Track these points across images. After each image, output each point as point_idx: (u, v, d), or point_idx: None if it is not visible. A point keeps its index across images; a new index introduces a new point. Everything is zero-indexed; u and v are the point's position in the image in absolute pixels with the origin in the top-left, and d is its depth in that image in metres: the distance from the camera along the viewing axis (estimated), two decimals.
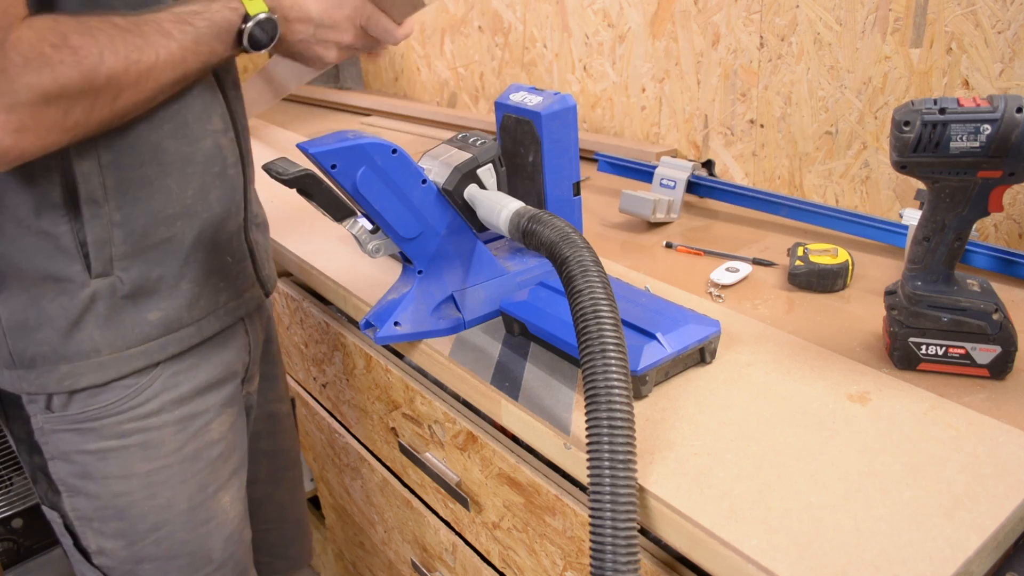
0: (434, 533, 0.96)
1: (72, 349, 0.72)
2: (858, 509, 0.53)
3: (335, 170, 0.68)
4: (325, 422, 1.18)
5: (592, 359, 0.55)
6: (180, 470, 0.81)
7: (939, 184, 0.64)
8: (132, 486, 0.79)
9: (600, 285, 0.58)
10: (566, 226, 0.63)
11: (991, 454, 0.58)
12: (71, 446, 0.77)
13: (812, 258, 0.85)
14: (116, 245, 0.71)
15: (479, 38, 1.67)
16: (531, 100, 0.80)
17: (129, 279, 0.73)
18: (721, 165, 1.23)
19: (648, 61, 1.30)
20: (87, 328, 0.72)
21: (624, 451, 0.53)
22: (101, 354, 0.73)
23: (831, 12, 1.01)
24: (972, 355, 0.66)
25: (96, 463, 0.77)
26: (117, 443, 0.77)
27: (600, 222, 1.10)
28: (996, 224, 0.94)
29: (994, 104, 0.60)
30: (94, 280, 0.71)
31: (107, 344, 0.73)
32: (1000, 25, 0.86)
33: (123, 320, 0.74)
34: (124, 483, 0.79)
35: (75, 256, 0.70)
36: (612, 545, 0.51)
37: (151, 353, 0.76)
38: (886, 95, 0.99)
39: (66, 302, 0.71)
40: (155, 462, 0.79)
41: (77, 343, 0.72)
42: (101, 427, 0.76)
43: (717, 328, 0.71)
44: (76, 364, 0.73)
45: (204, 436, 0.83)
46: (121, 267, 0.72)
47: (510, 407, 0.69)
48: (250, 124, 0.95)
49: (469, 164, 0.74)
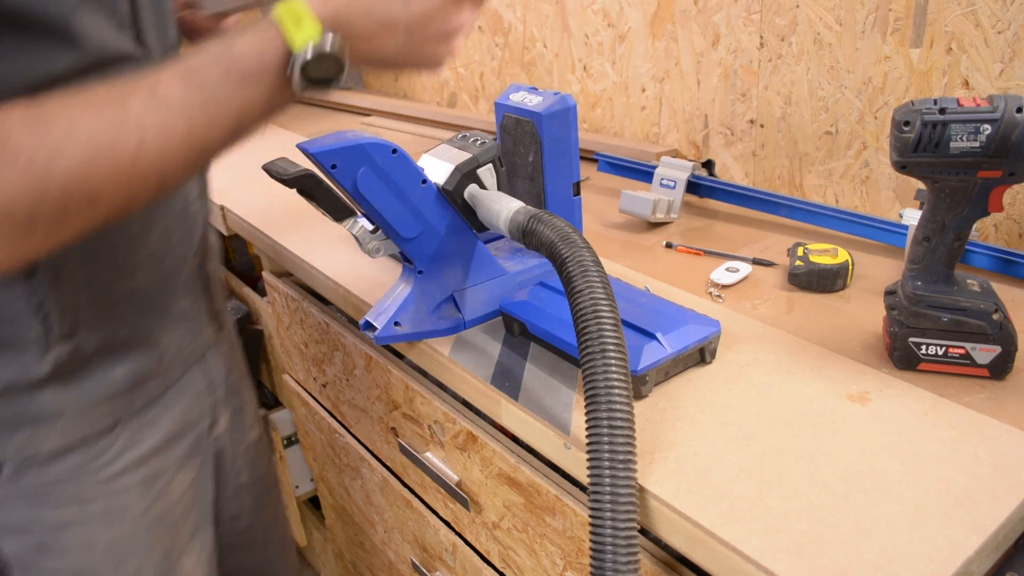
0: (434, 533, 0.96)
1: (33, 413, 0.65)
2: (858, 509, 0.53)
3: (335, 170, 0.68)
4: (325, 422, 1.18)
5: (592, 359, 0.55)
6: (147, 537, 0.74)
7: (939, 184, 0.64)
8: (94, 559, 0.71)
9: (600, 285, 0.58)
10: (566, 226, 0.63)
11: (991, 454, 0.58)
12: (25, 517, 0.68)
13: (812, 258, 0.85)
14: (80, 307, 0.64)
15: (479, 38, 1.67)
16: (531, 100, 0.80)
17: (94, 338, 0.66)
18: (721, 165, 1.24)
19: (648, 61, 1.30)
20: (48, 391, 0.65)
21: (624, 451, 0.53)
22: (64, 416, 0.66)
23: (831, 12, 1.01)
24: (972, 355, 0.66)
25: (54, 535, 0.69)
26: (78, 511, 0.69)
27: (600, 222, 1.10)
28: (996, 224, 0.94)
29: (994, 104, 0.60)
30: (56, 343, 0.64)
31: (71, 405, 0.66)
32: (1000, 25, 0.86)
33: (87, 379, 0.67)
34: (86, 556, 0.71)
35: (34, 319, 0.62)
36: (612, 545, 0.51)
37: (117, 410, 0.69)
38: (886, 95, 0.99)
39: (27, 365, 0.63)
40: (120, 529, 0.72)
41: (38, 406, 0.65)
42: (60, 494, 0.68)
43: (717, 328, 0.71)
44: (37, 428, 0.65)
45: (167, 496, 0.76)
46: (85, 327, 0.65)
47: (510, 407, 0.69)
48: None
49: (469, 164, 0.74)
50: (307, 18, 0.52)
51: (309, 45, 0.51)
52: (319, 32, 0.52)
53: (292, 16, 0.52)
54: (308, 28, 0.52)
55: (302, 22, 0.52)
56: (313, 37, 0.52)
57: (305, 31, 0.52)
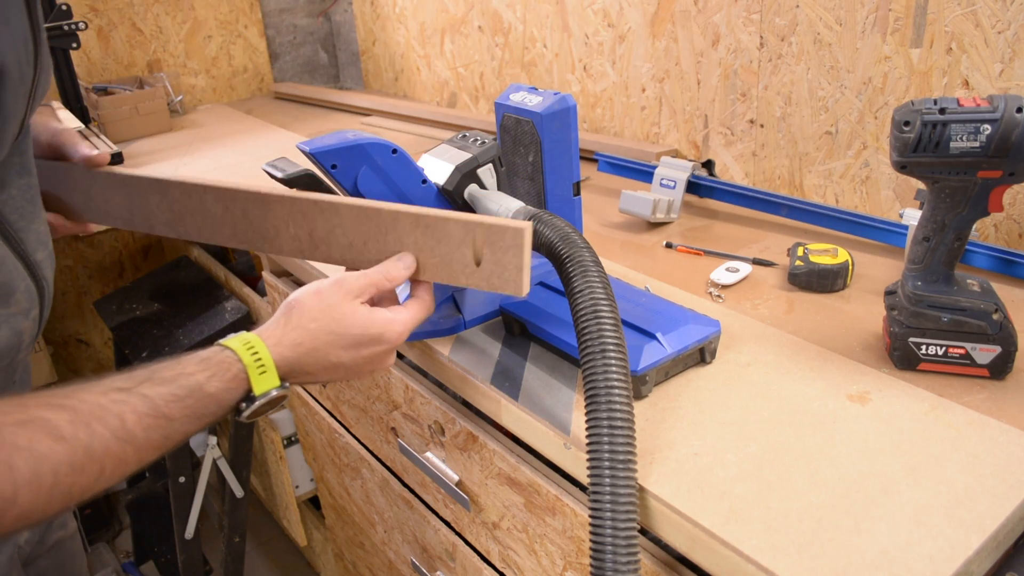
0: (434, 533, 0.96)
1: None
2: (858, 509, 0.53)
3: (335, 170, 0.68)
4: (325, 422, 1.18)
5: (592, 359, 0.55)
6: None
7: (939, 184, 0.64)
8: None
9: (600, 285, 0.58)
10: (566, 226, 0.63)
11: (991, 454, 0.58)
12: None
13: (812, 258, 0.85)
14: None
15: (479, 38, 1.67)
16: (531, 100, 0.80)
17: None
18: (721, 165, 1.23)
19: (648, 61, 1.30)
20: None
21: (624, 451, 0.53)
22: None
23: (831, 12, 1.01)
24: (972, 355, 0.66)
25: None
26: None
27: (600, 222, 1.10)
28: (996, 224, 0.94)
29: (994, 104, 0.60)
30: None
31: None
32: (1000, 25, 0.86)
33: None
34: None
35: None
36: (612, 545, 0.51)
37: None
38: (886, 95, 0.99)
39: None
40: None
41: None
42: None
43: (717, 328, 0.71)
44: None
45: None
46: None
47: (510, 407, 0.69)
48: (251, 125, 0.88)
49: (469, 164, 0.74)
50: (271, 370, 0.57)
51: (266, 395, 0.57)
52: (278, 383, 0.58)
53: (257, 365, 0.57)
54: (270, 379, 0.57)
55: (266, 373, 0.57)
56: (271, 388, 0.57)
57: (267, 381, 0.57)
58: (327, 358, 0.60)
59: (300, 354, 0.59)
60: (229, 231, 0.71)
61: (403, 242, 0.62)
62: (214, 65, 2.11)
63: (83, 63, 1.90)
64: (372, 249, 0.64)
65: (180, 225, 0.74)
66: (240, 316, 1.47)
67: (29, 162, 0.64)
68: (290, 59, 2.26)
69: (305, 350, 0.59)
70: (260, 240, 0.69)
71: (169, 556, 1.75)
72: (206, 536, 1.71)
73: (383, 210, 0.62)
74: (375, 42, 2.07)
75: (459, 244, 0.60)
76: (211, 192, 0.70)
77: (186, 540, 1.53)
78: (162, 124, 1.82)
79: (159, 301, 1.62)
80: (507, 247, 0.57)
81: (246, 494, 1.54)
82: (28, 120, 0.61)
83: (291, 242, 0.67)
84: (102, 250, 2.03)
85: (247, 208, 0.69)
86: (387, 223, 0.62)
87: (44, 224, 0.66)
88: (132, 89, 1.85)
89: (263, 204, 0.67)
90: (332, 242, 0.65)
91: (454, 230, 0.60)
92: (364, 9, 2.07)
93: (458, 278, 0.61)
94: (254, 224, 0.69)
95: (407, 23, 1.90)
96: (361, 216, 0.63)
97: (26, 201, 0.63)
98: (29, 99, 0.59)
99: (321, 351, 0.60)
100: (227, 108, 2.06)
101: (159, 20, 1.99)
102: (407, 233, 0.62)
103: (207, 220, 0.72)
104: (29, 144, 0.64)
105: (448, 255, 0.61)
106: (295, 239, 0.67)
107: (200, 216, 0.72)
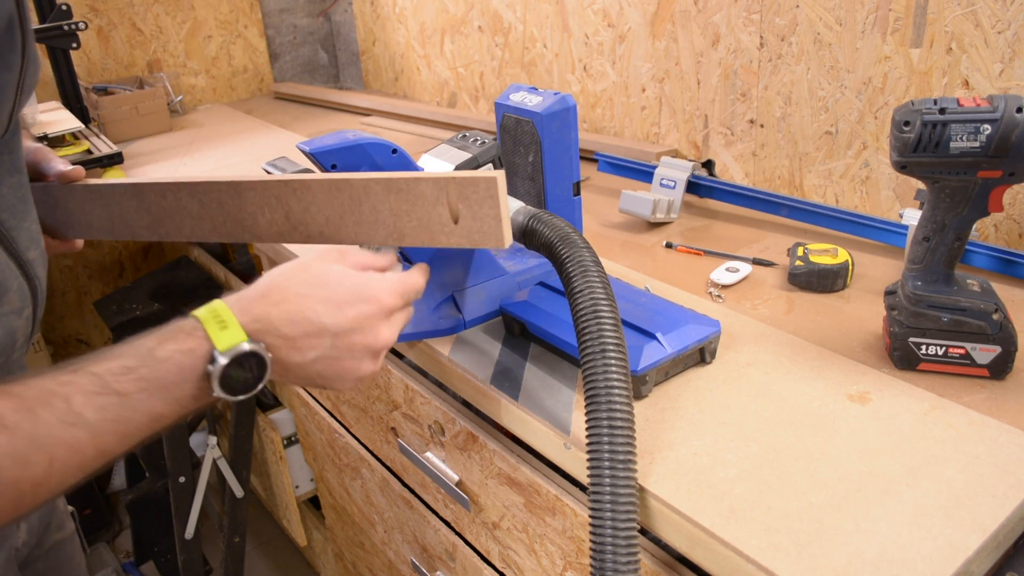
0: (434, 533, 0.96)
1: None
2: (858, 509, 0.53)
3: (335, 170, 0.68)
4: (325, 422, 1.18)
5: (592, 359, 0.55)
6: None
7: (939, 184, 0.64)
8: None
9: (600, 285, 0.58)
10: (566, 226, 0.63)
11: (991, 454, 0.58)
12: None
13: (812, 258, 0.85)
14: None
15: (479, 38, 1.67)
16: (531, 100, 0.80)
17: None
18: (721, 165, 1.23)
19: (648, 61, 1.30)
20: None
21: (624, 451, 0.53)
22: None
23: (831, 12, 1.01)
24: (972, 355, 0.66)
25: None
26: None
27: (600, 222, 1.10)
28: (996, 224, 0.94)
29: (994, 104, 0.60)
30: None
31: None
32: (1000, 25, 0.86)
33: None
34: None
35: None
36: (612, 545, 0.51)
37: None
38: (886, 95, 0.99)
39: None
40: None
41: None
42: None
43: (717, 328, 0.71)
44: None
45: None
46: None
47: (510, 407, 0.69)
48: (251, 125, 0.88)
49: (469, 164, 0.74)
50: (232, 324, 0.49)
51: (232, 351, 0.48)
52: (244, 338, 0.49)
53: (216, 320, 0.49)
54: (233, 334, 0.49)
55: (227, 327, 0.49)
56: (237, 343, 0.49)
57: (229, 336, 0.49)
58: (303, 313, 0.52)
59: (268, 306, 0.52)
60: (208, 226, 0.70)
61: (378, 210, 0.60)
62: (214, 65, 2.11)
63: (83, 63, 1.90)
64: (349, 222, 0.62)
65: (160, 227, 0.73)
66: None
67: (19, 160, 0.63)
68: (290, 59, 2.26)
69: (273, 301, 0.52)
70: (240, 230, 0.68)
71: (169, 556, 1.75)
72: (206, 536, 1.71)
73: (353, 180, 0.60)
74: (375, 42, 2.07)
75: (434, 203, 0.58)
76: (184, 189, 0.69)
77: (186, 540, 1.53)
78: (162, 124, 1.82)
79: (159, 301, 1.62)
80: (482, 199, 0.56)
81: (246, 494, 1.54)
82: (16, 114, 0.60)
83: (269, 227, 0.66)
84: (102, 250, 2.03)
85: (222, 200, 0.67)
86: (359, 192, 0.61)
87: (36, 223, 0.65)
88: (132, 89, 1.85)
89: (236, 193, 0.66)
90: (309, 221, 0.64)
91: (427, 189, 0.58)
92: (364, 9, 2.07)
93: (439, 239, 0.59)
94: (231, 215, 0.68)
95: (407, 23, 1.90)
96: (333, 189, 0.61)
97: (17, 199, 0.62)
98: (17, 91, 0.58)
99: (293, 303, 0.52)
100: (227, 108, 2.06)
101: (159, 20, 1.99)
102: (381, 200, 0.60)
103: (186, 218, 0.71)
104: (19, 141, 0.63)
105: (425, 216, 0.59)
106: (272, 224, 0.66)
107: (178, 215, 0.71)
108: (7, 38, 0.55)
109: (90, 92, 1.78)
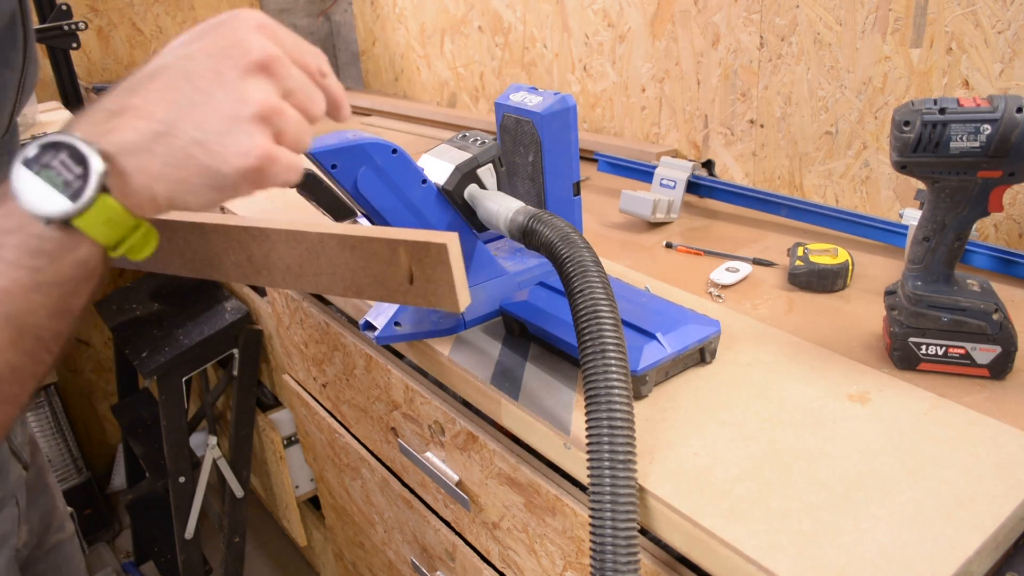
0: (434, 533, 0.96)
1: None
2: (858, 509, 0.53)
3: (335, 170, 0.68)
4: (325, 422, 1.18)
5: (592, 359, 0.55)
6: None
7: (939, 184, 0.64)
8: None
9: (600, 285, 0.58)
10: (566, 226, 0.63)
11: (991, 454, 0.58)
12: None
13: (812, 258, 0.85)
14: None
15: (479, 38, 1.67)
16: (531, 100, 0.80)
17: None
18: (721, 165, 1.23)
19: (648, 61, 1.30)
20: None
21: (624, 451, 0.53)
22: None
23: (831, 12, 1.01)
24: (972, 355, 0.66)
25: None
26: None
27: (600, 222, 1.10)
28: (996, 224, 0.94)
29: (994, 104, 0.60)
30: None
31: None
32: (1000, 25, 0.86)
33: None
34: None
35: None
36: (612, 545, 0.51)
37: None
38: (886, 95, 0.99)
39: None
40: None
41: None
42: None
43: (717, 328, 0.71)
44: None
45: None
46: None
47: (510, 407, 0.69)
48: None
49: (469, 164, 0.74)
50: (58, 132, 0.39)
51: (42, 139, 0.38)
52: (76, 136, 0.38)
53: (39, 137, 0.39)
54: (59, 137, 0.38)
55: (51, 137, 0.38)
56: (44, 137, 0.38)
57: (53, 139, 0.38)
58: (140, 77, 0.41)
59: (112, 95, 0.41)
60: (179, 261, 0.68)
61: (335, 263, 0.58)
62: None
63: (83, 63, 1.90)
64: (309, 272, 0.60)
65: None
66: (240, 316, 1.47)
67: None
68: None
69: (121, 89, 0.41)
70: (208, 268, 0.66)
71: (169, 556, 1.76)
72: (206, 536, 1.71)
73: (309, 233, 0.58)
74: (375, 42, 2.07)
75: (388, 263, 0.56)
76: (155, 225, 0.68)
77: (186, 540, 1.54)
78: None
79: (159, 301, 1.62)
80: (434, 263, 0.53)
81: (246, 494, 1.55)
82: (17, 114, 0.60)
83: (234, 268, 0.64)
84: None
85: (188, 238, 0.65)
86: (316, 246, 0.59)
87: None
88: None
89: (200, 233, 0.64)
90: (271, 267, 0.62)
91: (380, 249, 0.56)
92: (364, 9, 2.07)
93: (396, 296, 0.57)
94: (199, 253, 0.66)
95: (407, 23, 1.90)
96: (291, 240, 0.59)
97: None
98: (18, 90, 0.58)
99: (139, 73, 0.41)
100: None
101: (159, 20, 1.99)
102: (337, 255, 0.58)
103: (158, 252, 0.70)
104: (18, 142, 0.63)
105: (381, 274, 0.57)
106: (237, 265, 0.64)
107: None
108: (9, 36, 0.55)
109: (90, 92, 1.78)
